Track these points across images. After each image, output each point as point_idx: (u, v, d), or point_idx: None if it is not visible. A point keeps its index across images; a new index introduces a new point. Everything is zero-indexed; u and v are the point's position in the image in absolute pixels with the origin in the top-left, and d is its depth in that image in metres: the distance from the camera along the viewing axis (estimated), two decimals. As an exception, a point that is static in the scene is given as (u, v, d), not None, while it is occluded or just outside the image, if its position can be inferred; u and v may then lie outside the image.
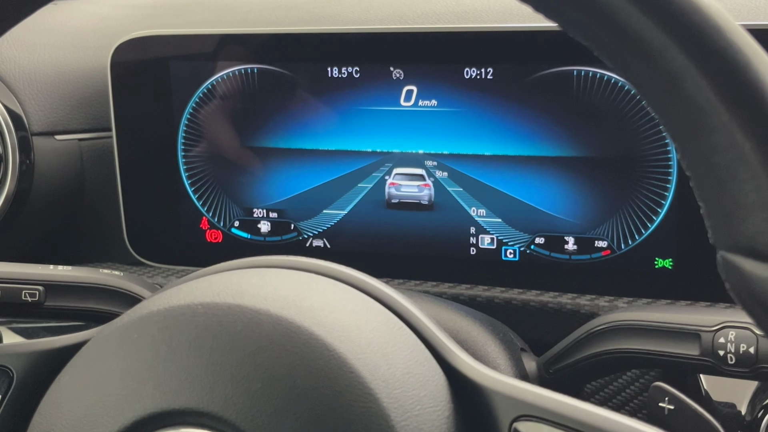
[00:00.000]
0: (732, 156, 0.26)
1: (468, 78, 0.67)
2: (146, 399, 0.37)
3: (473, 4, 0.79)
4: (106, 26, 0.88)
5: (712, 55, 0.26)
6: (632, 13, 0.27)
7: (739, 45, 0.26)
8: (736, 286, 0.27)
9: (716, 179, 0.27)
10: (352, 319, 0.40)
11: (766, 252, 0.26)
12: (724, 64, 0.26)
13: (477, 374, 0.40)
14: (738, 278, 0.27)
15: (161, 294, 0.43)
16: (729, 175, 0.26)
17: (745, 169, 0.26)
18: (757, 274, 0.26)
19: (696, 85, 0.26)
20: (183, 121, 0.75)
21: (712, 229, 0.28)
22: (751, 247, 0.26)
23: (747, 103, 0.26)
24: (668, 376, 0.57)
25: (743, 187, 0.26)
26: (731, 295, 0.28)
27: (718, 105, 0.26)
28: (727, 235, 0.27)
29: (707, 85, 0.26)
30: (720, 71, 0.26)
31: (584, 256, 0.68)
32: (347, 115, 0.71)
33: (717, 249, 0.28)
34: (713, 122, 0.26)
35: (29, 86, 0.80)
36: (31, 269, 0.60)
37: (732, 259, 0.27)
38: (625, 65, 0.28)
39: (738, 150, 0.26)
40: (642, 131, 0.64)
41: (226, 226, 0.77)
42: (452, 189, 0.70)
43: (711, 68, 0.26)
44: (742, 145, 0.26)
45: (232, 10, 0.93)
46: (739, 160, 0.26)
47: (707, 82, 0.26)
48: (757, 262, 0.26)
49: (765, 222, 0.26)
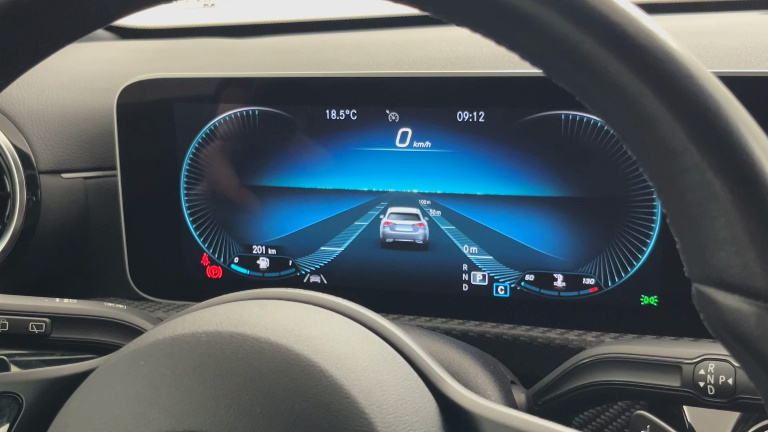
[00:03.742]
0: (704, 194, 0.27)
1: (461, 121, 0.70)
2: (152, 422, 0.39)
3: (466, 50, 0.81)
4: (111, 69, 0.90)
5: (684, 101, 0.27)
6: (609, 60, 0.28)
7: (710, 91, 0.28)
8: (710, 316, 0.28)
9: (690, 216, 0.28)
10: (348, 348, 0.41)
11: (736, 284, 0.27)
12: (695, 109, 0.27)
13: (468, 402, 0.41)
14: (711, 309, 0.28)
15: (166, 324, 0.45)
16: (701, 212, 0.28)
17: (716, 206, 0.27)
18: (728, 304, 0.27)
19: (669, 128, 0.28)
20: (185, 160, 0.77)
21: (687, 263, 0.29)
22: (722, 280, 0.27)
23: (717, 145, 0.27)
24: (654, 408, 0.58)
25: (714, 224, 0.27)
26: (705, 326, 0.29)
27: (690, 146, 0.27)
28: (700, 268, 0.28)
29: (679, 128, 0.27)
30: (691, 115, 0.27)
31: (573, 292, 0.70)
32: (344, 156, 0.73)
33: (692, 282, 0.29)
34: (686, 162, 0.27)
35: (37, 126, 0.82)
36: (37, 302, 0.61)
37: (706, 291, 0.28)
38: (604, 109, 0.30)
39: (709, 189, 0.27)
40: (627, 173, 0.66)
41: (226, 262, 0.79)
42: (445, 227, 0.72)
43: (683, 112, 0.27)
44: (713, 183, 0.27)
45: (233, 55, 0.95)
46: (710, 198, 0.27)
47: (679, 126, 0.27)
48: (728, 294, 0.27)
49: (735, 256, 0.27)
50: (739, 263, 0.27)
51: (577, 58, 0.29)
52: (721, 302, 0.28)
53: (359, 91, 0.72)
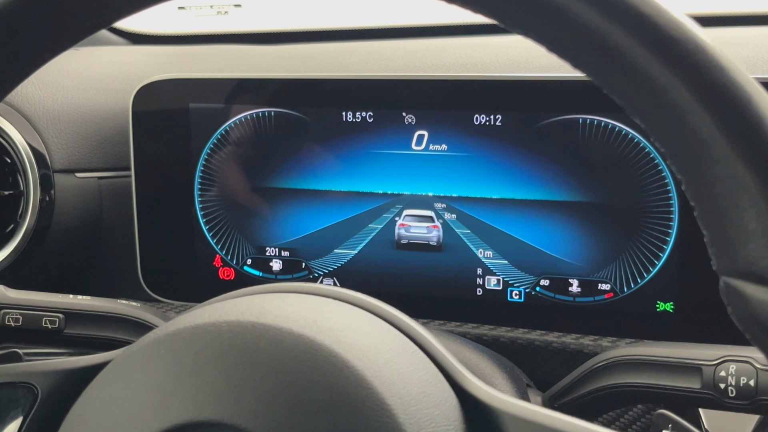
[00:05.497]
0: (733, 186, 0.28)
1: (477, 124, 0.70)
2: (172, 411, 0.38)
3: (482, 56, 0.81)
4: (126, 71, 0.91)
5: (715, 92, 0.28)
6: (640, 51, 0.28)
7: (741, 82, 0.28)
8: (738, 309, 0.28)
9: (718, 208, 0.28)
10: (370, 340, 0.41)
11: (766, 276, 0.27)
12: (726, 100, 0.28)
13: (488, 397, 0.41)
14: (739, 302, 0.28)
15: (187, 314, 0.44)
16: (730, 204, 0.28)
17: (746, 198, 0.27)
18: (758, 297, 0.27)
19: (700, 119, 0.28)
20: (200, 161, 0.77)
21: (715, 256, 0.29)
22: (751, 272, 0.28)
23: (747, 136, 0.27)
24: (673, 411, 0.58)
25: (744, 215, 0.27)
26: (733, 319, 0.29)
27: (721, 138, 0.28)
28: (728, 260, 0.28)
29: (710, 119, 0.28)
30: (722, 106, 0.28)
31: (588, 298, 0.69)
32: (360, 158, 0.73)
33: (719, 275, 0.29)
34: (716, 154, 0.28)
35: (52, 125, 0.82)
36: (51, 297, 0.61)
37: (734, 284, 0.28)
38: (633, 101, 0.30)
39: (739, 180, 0.27)
40: (645, 179, 0.66)
41: (239, 264, 0.78)
42: (460, 231, 0.72)
43: (714, 103, 0.28)
44: (743, 175, 0.27)
45: (248, 59, 0.96)
46: (739, 189, 0.27)
47: (710, 117, 0.28)
48: (757, 286, 0.27)
49: (764, 248, 0.27)
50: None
51: (607, 49, 0.29)
52: (750, 295, 0.28)
53: (376, 93, 0.72)
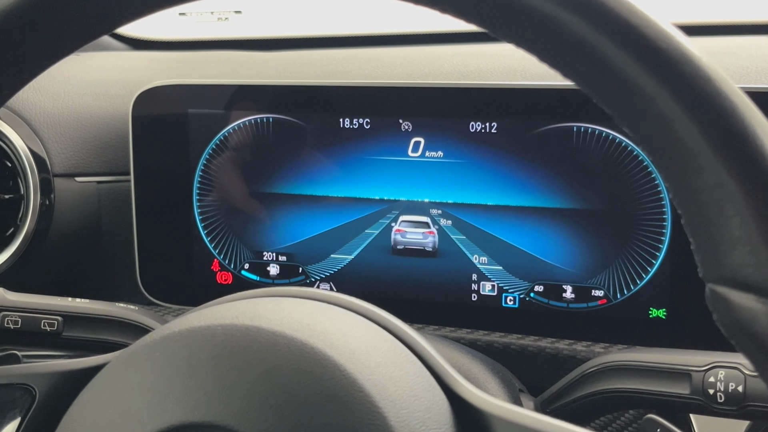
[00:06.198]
0: (718, 194, 0.28)
1: (473, 131, 0.70)
2: (166, 413, 0.39)
3: (478, 65, 0.82)
4: (127, 77, 0.91)
5: (701, 101, 0.28)
6: (627, 61, 0.29)
7: (726, 92, 0.28)
8: (723, 316, 0.29)
9: (704, 216, 0.28)
10: (362, 344, 0.41)
11: (750, 283, 0.28)
12: (711, 110, 0.28)
13: (479, 400, 0.41)
14: (724, 309, 0.29)
15: (182, 317, 0.45)
16: (715, 211, 0.28)
17: (730, 206, 0.28)
18: (742, 304, 0.28)
19: (685, 128, 0.28)
20: (199, 166, 0.78)
21: (700, 263, 0.29)
22: (735, 279, 0.28)
23: (732, 145, 0.28)
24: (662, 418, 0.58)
25: (728, 223, 0.28)
26: (718, 326, 0.29)
27: (706, 147, 0.28)
28: (714, 268, 0.29)
29: (695, 129, 0.28)
30: (707, 116, 0.28)
31: (581, 304, 0.70)
32: (357, 164, 0.74)
33: (705, 282, 0.29)
34: (701, 163, 0.28)
35: (53, 130, 0.83)
36: (50, 300, 0.62)
37: (719, 291, 0.29)
38: (620, 109, 0.30)
39: (724, 188, 0.28)
40: (638, 186, 0.67)
41: (237, 268, 0.79)
42: (456, 237, 0.72)
43: (699, 113, 0.28)
44: (728, 183, 0.28)
45: (247, 66, 0.96)
46: (724, 197, 0.28)
47: (695, 126, 0.28)
48: (741, 293, 0.28)
49: (749, 255, 0.27)
50: (753, 262, 0.28)
51: (595, 59, 0.30)
52: (734, 301, 0.28)
53: (373, 100, 0.73)
